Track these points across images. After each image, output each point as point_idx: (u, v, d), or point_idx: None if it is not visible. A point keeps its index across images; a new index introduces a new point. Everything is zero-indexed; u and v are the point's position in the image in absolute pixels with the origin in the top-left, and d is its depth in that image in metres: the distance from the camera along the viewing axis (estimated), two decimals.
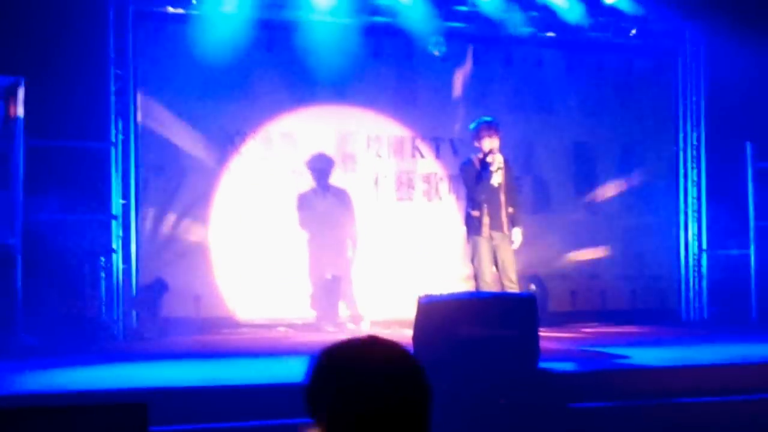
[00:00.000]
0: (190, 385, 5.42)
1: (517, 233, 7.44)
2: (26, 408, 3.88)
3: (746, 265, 9.76)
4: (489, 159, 7.30)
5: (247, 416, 5.01)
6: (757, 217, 9.73)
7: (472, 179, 7.39)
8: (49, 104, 7.93)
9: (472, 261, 7.41)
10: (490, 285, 7.31)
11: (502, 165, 7.32)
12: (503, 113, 9.26)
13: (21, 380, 5.62)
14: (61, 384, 5.38)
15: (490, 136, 7.35)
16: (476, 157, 7.43)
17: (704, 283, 10.25)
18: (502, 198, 7.36)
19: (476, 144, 7.45)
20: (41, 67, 7.88)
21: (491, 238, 7.34)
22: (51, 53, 8.04)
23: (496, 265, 7.37)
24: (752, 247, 9.75)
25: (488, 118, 7.51)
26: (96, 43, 8.49)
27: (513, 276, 7.37)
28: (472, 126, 7.52)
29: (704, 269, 10.26)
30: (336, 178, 9.31)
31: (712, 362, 6.37)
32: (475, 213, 7.37)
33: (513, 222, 7.41)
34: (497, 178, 7.31)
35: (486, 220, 7.32)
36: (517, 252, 7.54)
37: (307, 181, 9.22)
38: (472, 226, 7.39)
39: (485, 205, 7.32)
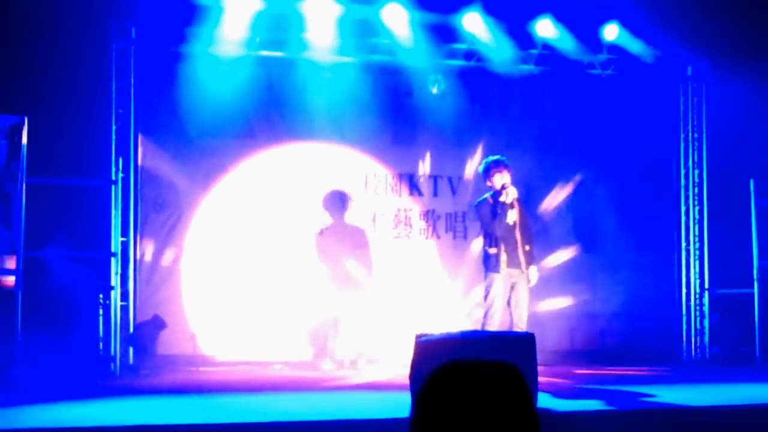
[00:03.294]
0: (187, 422, 5.37)
1: (534, 271, 7.42)
2: None
3: (749, 304, 9.64)
4: (503, 195, 7.29)
5: None
6: (760, 256, 9.59)
7: (487, 217, 7.38)
8: (50, 143, 8.01)
9: (485, 298, 7.35)
10: (497, 326, 7.26)
11: (516, 195, 7.33)
12: (502, 151, 9.25)
13: (19, 416, 5.60)
14: (60, 420, 5.36)
15: (500, 172, 7.38)
16: (489, 196, 7.44)
17: (706, 323, 10.16)
18: (518, 236, 7.35)
19: (488, 183, 7.45)
20: (44, 106, 7.99)
21: (509, 276, 7.30)
22: (53, 93, 8.17)
23: (508, 302, 7.33)
24: (756, 286, 9.59)
25: (496, 157, 7.53)
26: (98, 83, 8.61)
27: (524, 316, 7.34)
28: (480, 168, 7.52)
29: (706, 308, 10.18)
30: (335, 216, 9.32)
31: (715, 404, 6.27)
32: (493, 250, 7.33)
33: (530, 260, 7.39)
34: (513, 216, 7.31)
35: (504, 257, 7.29)
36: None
37: (306, 219, 9.23)
38: (490, 263, 7.35)
39: (502, 243, 7.30)
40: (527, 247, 7.37)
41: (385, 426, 5.38)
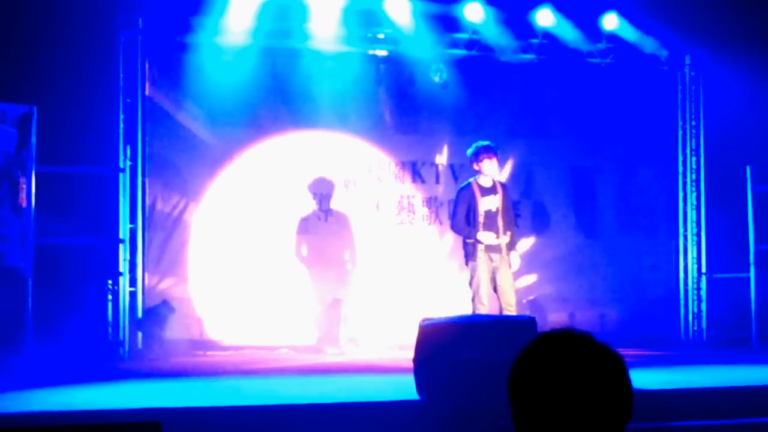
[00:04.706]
0: (195, 405, 5.50)
1: (515, 257, 7.48)
2: (37, 428, 3.98)
3: (746, 288, 9.79)
4: (491, 198, 7.36)
5: None
6: (757, 241, 9.72)
7: (465, 204, 7.42)
8: (60, 132, 8.12)
9: (470, 284, 7.42)
10: (487, 308, 7.33)
11: (499, 204, 7.40)
12: (503, 138, 9.41)
13: (31, 399, 5.72)
14: (69, 403, 5.47)
15: (489, 158, 7.40)
16: (475, 182, 7.48)
17: (703, 307, 10.30)
18: (500, 222, 7.41)
19: (475, 167, 7.45)
20: (53, 95, 8.09)
21: (490, 260, 7.36)
22: (62, 83, 8.26)
23: (495, 288, 7.42)
24: (752, 271, 9.72)
25: (486, 142, 7.57)
26: (106, 73, 8.71)
27: (512, 299, 7.37)
28: (469, 151, 7.55)
29: (704, 292, 10.32)
30: (337, 202, 9.46)
31: (712, 386, 6.35)
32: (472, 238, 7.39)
33: (510, 246, 7.45)
34: (495, 202, 7.36)
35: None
36: (515, 275, 7.62)
37: (309, 205, 9.38)
38: (470, 249, 7.43)
39: (483, 229, 7.37)
40: (508, 233, 7.43)
41: (389, 408, 5.51)
